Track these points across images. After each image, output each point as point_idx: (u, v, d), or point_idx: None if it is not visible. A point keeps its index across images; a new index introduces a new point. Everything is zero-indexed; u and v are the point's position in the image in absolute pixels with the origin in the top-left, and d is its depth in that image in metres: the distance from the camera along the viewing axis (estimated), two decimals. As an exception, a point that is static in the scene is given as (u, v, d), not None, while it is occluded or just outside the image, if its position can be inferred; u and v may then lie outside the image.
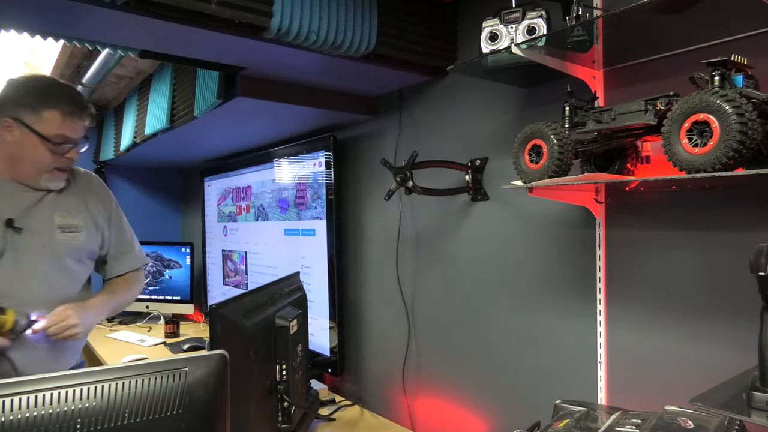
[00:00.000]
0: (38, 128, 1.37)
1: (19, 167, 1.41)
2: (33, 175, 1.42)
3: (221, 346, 0.83)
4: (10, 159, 1.41)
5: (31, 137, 1.37)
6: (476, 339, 1.64)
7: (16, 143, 1.39)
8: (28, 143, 1.38)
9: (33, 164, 1.40)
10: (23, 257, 1.42)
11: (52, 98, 1.39)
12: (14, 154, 1.40)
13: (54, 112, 1.38)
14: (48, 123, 1.38)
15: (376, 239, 2.05)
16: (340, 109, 1.95)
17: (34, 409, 0.64)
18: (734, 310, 1.07)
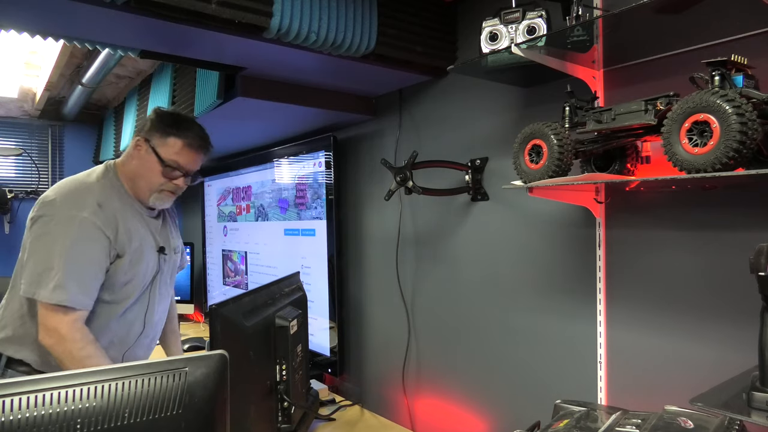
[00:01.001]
0: (159, 151, 1.50)
1: (137, 183, 1.54)
2: (145, 193, 1.54)
3: (221, 346, 0.83)
4: (134, 175, 1.54)
5: (152, 157, 1.51)
6: (476, 339, 1.64)
7: (140, 160, 1.52)
8: (147, 162, 1.51)
9: (147, 182, 1.53)
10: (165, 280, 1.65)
11: (181, 129, 1.52)
12: (136, 170, 1.53)
13: (177, 141, 1.51)
14: (169, 148, 1.51)
15: (376, 239, 2.05)
16: (340, 109, 1.95)
17: (34, 409, 0.64)
18: (734, 310, 1.07)
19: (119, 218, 1.47)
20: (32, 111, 3.38)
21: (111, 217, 1.45)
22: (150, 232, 1.58)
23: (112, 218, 1.45)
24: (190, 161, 1.55)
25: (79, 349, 1.35)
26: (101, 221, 1.42)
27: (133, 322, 1.55)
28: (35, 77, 2.91)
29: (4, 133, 3.44)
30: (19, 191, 3.43)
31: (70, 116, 3.41)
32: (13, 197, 3.39)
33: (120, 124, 2.97)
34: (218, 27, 1.26)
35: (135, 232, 1.51)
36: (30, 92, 3.14)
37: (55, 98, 3.19)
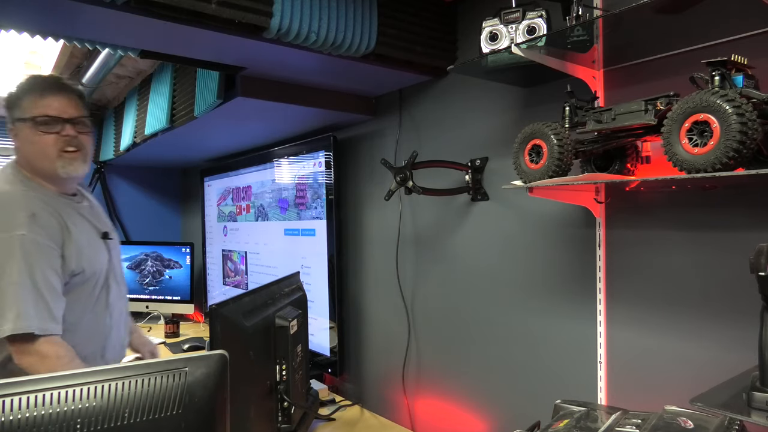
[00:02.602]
0: (21, 116, 1.41)
1: (38, 165, 1.43)
2: (50, 167, 1.42)
3: (221, 346, 0.83)
4: (29, 160, 1.43)
5: (24, 128, 1.40)
6: (476, 339, 1.64)
7: (22, 142, 1.42)
8: (25, 136, 1.41)
9: (41, 154, 1.41)
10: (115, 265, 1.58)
11: (29, 87, 1.43)
12: (27, 154, 1.43)
13: (29, 97, 1.42)
14: (27, 108, 1.41)
15: (376, 239, 2.05)
16: (340, 109, 1.95)
17: (34, 409, 0.64)
18: (734, 310, 1.07)
19: (57, 217, 1.39)
20: (32, 111, 3.37)
21: (49, 223, 1.36)
22: (87, 220, 1.51)
23: (51, 223, 1.37)
24: (55, 105, 1.42)
25: (65, 365, 1.29)
26: (41, 234, 1.33)
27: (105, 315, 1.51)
28: (35, 77, 2.90)
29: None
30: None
31: (70, 116, 3.41)
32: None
33: (120, 124, 2.97)
34: (218, 27, 1.26)
35: (74, 225, 1.44)
36: (30, 92, 3.13)
37: (55, 98, 3.18)
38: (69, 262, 1.38)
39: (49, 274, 1.32)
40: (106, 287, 1.52)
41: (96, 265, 1.47)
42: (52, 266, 1.33)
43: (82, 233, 1.45)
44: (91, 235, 1.49)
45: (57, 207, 1.42)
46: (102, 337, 1.51)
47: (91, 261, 1.45)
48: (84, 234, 1.46)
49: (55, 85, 1.45)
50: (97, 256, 1.48)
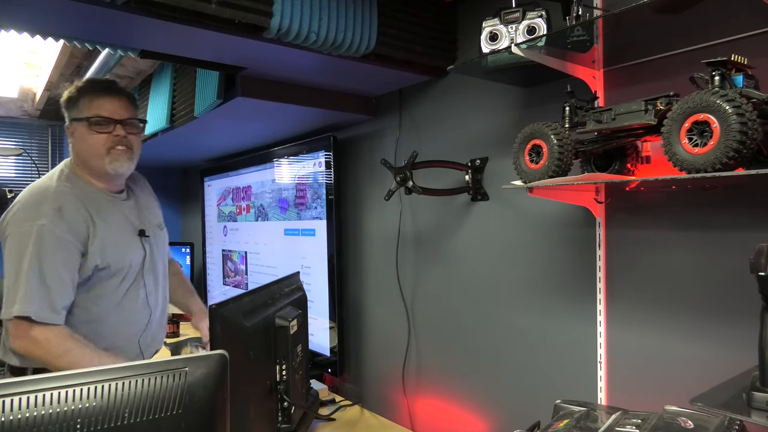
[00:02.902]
0: (77, 116, 1.50)
1: (89, 162, 1.52)
2: (99, 165, 1.51)
3: (221, 346, 0.83)
4: (82, 158, 1.53)
5: (79, 127, 1.50)
6: (476, 339, 1.64)
7: (75, 141, 1.52)
8: (79, 135, 1.50)
9: (92, 152, 1.50)
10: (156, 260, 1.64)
11: (84, 89, 1.53)
12: (79, 151, 1.52)
13: (85, 98, 1.51)
14: (83, 108, 1.50)
15: (376, 239, 2.05)
16: (340, 109, 1.95)
17: (34, 409, 0.64)
18: (734, 310, 1.07)
19: (84, 213, 1.45)
20: (32, 111, 3.38)
21: (74, 218, 1.42)
22: (125, 217, 1.57)
23: (77, 218, 1.43)
24: (109, 107, 1.51)
25: (57, 345, 1.34)
26: (62, 227, 1.39)
27: (136, 310, 1.55)
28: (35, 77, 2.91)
29: (4, 133, 3.45)
30: (19, 191, 3.41)
31: (70, 116, 3.41)
32: (13, 197, 3.39)
33: (120, 124, 2.97)
34: (218, 27, 1.26)
35: (105, 221, 1.49)
36: (30, 92, 3.14)
37: (55, 98, 3.18)
38: (93, 257, 1.44)
39: (58, 266, 1.37)
40: (137, 282, 1.56)
41: (124, 261, 1.51)
42: (64, 259, 1.38)
43: (112, 229, 1.50)
44: (125, 232, 1.55)
45: (92, 203, 1.49)
46: (131, 330, 1.55)
47: (119, 257, 1.49)
48: (114, 230, 1.51)
49: (108, 88, 1.54)
50: (126, 252, 1.52)
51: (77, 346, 1.36)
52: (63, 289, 1.38)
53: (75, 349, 1.35)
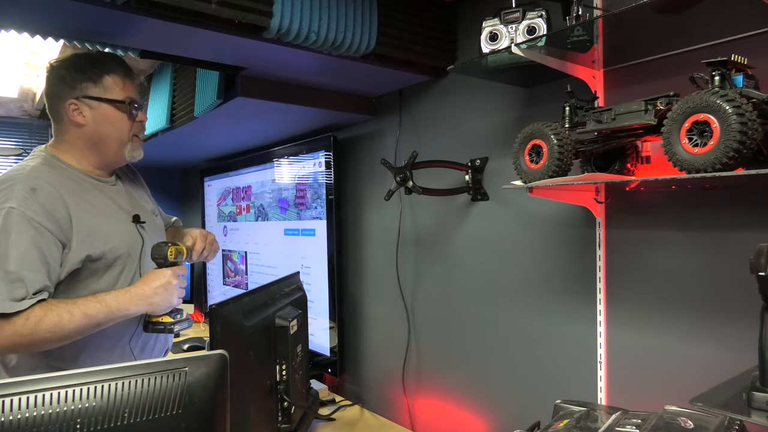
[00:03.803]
0: (108, 96, 1.34)
1: (104, 146, 1.36)
2: (118, 152, 1.38)
3: (221, 346, 0.83)
4: (91, 145, 1.36)
5: (105, 108, 1.34)
6: (476, 339, 1.64)
7: (92, 123, 1.34)
8: (104, 117, 1.34)
9: (115, 138, 1.36)
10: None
11: (106, 64, 1.36)
12: (93, 136, 1.35)
13: (114, 77, 1.35)
14: (112, 89, 1.35)
15: (376, 239, 2.05)
16: (340, 109, 1.95)
17: (34, 409, 0.64)
18: (734, 310, 1.07)
19: (65, 196, 1.27)
20: (32, 111, 3.38)
21: (51, 201, 1.23)
22: (115, 203, 1.40)
23: (54, 201, 1.24)
24: (134, 91, 1.40)
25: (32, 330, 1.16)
26: (34, 209, 1.20)
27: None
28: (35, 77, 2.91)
29: (4, 133, 3.45)
30: (19, 191, 3.42)
31: (70, 116, 3.41)
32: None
33: (120, 124, 2.97)
34: (218, 27, 1.26)
35: (90, 205, 1.33)
36: (30, 92, 3.14)
37: (55, 98, 3.18)
38: (81, 246, 1.27)
39: (27, 247, 1.18)
40: (136, 276, 1.39)
41: (120, 249, 1.35)
42: (33, 239, 1.19)
43: (101, 215, 1.34)
44: (117, 218, 1.38)
45: (73, 186, 1.31)
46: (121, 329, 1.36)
47: (114, 244, 1.33)
48: (104, 216, 1.34)
49: (130, 70, 1.41)
50: (122, 240, 1.36)
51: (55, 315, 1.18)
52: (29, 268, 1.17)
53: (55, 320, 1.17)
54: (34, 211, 1.20)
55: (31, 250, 1.19)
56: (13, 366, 1.30)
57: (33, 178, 1.25)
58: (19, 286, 1.16)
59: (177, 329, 1.36)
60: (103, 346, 1.34)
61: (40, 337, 1.17)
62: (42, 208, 1.21)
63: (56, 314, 1.18)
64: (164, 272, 1.32)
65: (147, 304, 1.29)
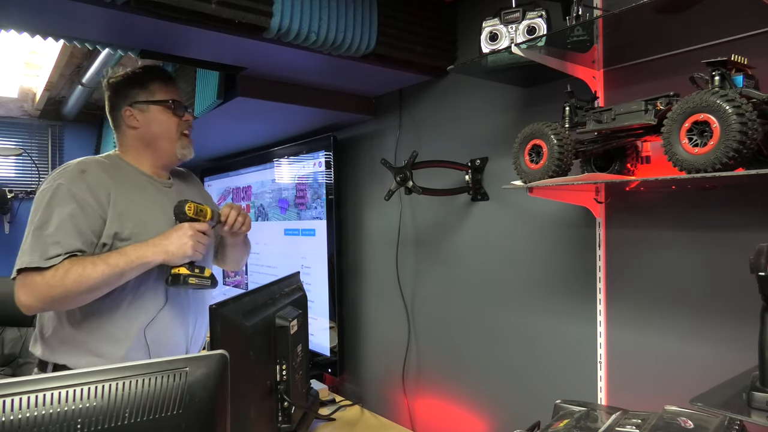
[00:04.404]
0: (155, 98, 1.47)
1: (155, 147, 1.49)
2: (169, 150, 1.49)
3: (221, 346, 0.83)
4: (146, 145, 1.49)
5: (154, 110, 1.47)
6: (476, 339, 1.64)
7: (144, 125, 1.47)
8: (153, 118, 1.47)
9: (165, 136, 1.48)
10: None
11: (150, 73, 1.49)
12: (146, 136, 1.48)
13: (157, 82, 1.48)
14: (158, 92, 1.47)
15: (376, 239, 2.05)
16: (340, 109, 1.95)
17: (35, 409, 0.64)
18: (734, 310, 1.07)
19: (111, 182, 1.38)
20: (32, 111, 3.38)
21: (97, 181, 1.36)
22: (165, 199, 1.49)
23: (99, 181, 1.36)
24: (177, 93, 1.52)
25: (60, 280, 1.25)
26: (80, 186, 1.33)
27: (149, 293, 1.42)
28: (35, 77, 2.92)
29: (4, 133, 3.45)
30: (19, 191, 3.43)
31: (70, 116, 3.42)
32: (13, 197, 3.40)
33: (120, 124, 2.97)
34: (218, 27, 1.26)
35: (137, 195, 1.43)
36: (30, 92, 3.14)
37: (55, 98, 3.19)
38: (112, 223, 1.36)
39: (65, 217, 1.30)
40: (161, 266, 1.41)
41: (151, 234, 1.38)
42: (72, 211, 1.32)
43: (141, 202, 1.43)
44: (158, 209, 1.45)
45: (122, 177, 1.43)
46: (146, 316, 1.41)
47: (144, 228, 1.39)
48: (143, 203, 1.43)
49: (170, 75, 1.54)
50: (155, 227, 1.40)
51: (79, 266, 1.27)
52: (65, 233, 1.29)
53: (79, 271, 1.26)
54: (79, 188, 1.34)
55: (70, 219, 1.31)
56: (49, 336, 1.40)
57: (86, 163, 1.40)
58: (55, 247, 1.28)
59: (194, 281, 1.40)
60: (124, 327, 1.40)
61: (69, 286, 1.26)
62: (87, 186, 1.35)
63: (81, 266, 1.28)
64: (181, 225, 1.40)
65: (163, 252, 1.36)
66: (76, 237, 1.31)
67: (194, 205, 1.43)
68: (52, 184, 1.35)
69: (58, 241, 1.29)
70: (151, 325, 1.43)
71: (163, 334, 1.45)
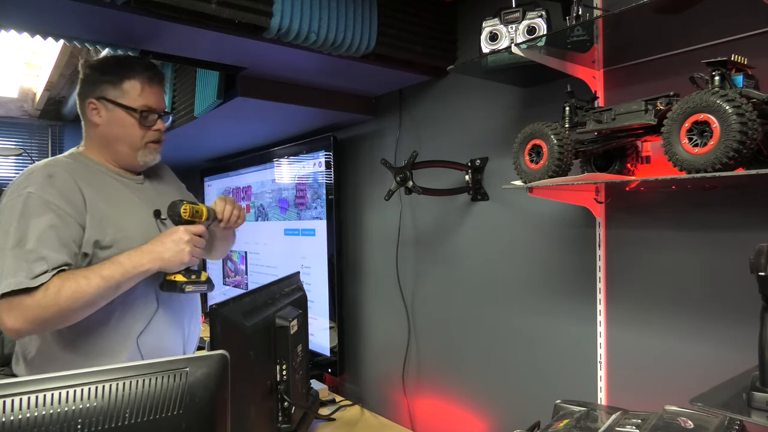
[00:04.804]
0: (122, 101, 1.35)
1: (115, 148, 1.39)
2: (129, 154, 1.39)
3: (221, 346, 0.83)
4: (106, 143, 1.38)
5: (118, 113, 1.35)
6: (476, 339, 1.64)
7: (106, 124, 1.37)
8: (117, 121, 1.36)
9: (126, 141, 1.38)
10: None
11: (129, 69, 1.37)
12: (107, 136, 1.38)
13: (133, 82, 1.36)
14: (130, 94, 1.36)
15: (376, 239, 2.05)
16: (340, 109, 1.95)
17: (35, 409, 0.64)
18: (734, 310, 1.07)
19: (81, 184, 1.29)
20: (32, 111, 3.38)
21: (67, 185, 1.26)
22: (137, 199, 1.41)
23: (69, 185, 1.27)
24: (158, 98, 1.39)
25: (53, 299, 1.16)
26: (51, 192, 1.23)
27: (140, 300, 1.35)
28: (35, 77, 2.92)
29: (4, 133, 3.45)
30: (19, 191, 3.43)
31: (70, 116, 3.42)
32: (13, 197, 3.39)
33: (120, 124, 2.97)
34: (218, 27, 1.26)
35: (111, 197, 1.34)
36: (30, 92, 3.14)
37: (55, 98, 3.19)
38: (91, 230, 1.28)
39: (44, 228, 1.21)
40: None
41: (134, 240, 1.32)
42: (51, 221, 1.22)
43: (117, 207, 1.34)
44: (135, 213, 1.38)
45: (91, 178, 1.33)
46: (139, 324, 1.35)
47: (125, 233, 1.32)
48: (120, 208, 1.35)
49: (157, 75, 1.41)
50: (136, 231, 1.34)
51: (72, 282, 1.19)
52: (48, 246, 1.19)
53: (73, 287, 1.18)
54: (51, 195, 1.23)
55: (50, 230, 1.21)
56: (32, 357, 1.31)
57: (51, 166, 1.29)
58: (40, 264, 1.18)
59: (191, 289, 1.34)
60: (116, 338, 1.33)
61: (63, 305, 1.17)
62: (58, 191, 1.24)
63: (74, 281, 1.19)
64: (176, 229, 1.32)
65: (159, 259, 1.28)
66: (60, 250, 1.21)
67: (190, 207, 1.35)
68: (20, 194, 1.23)
69: (43, 256, 1.18)
70: (145, 333, 1.36)
71: (158, 341, 1.39)
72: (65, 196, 1.25)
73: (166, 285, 1.33)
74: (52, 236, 1.21)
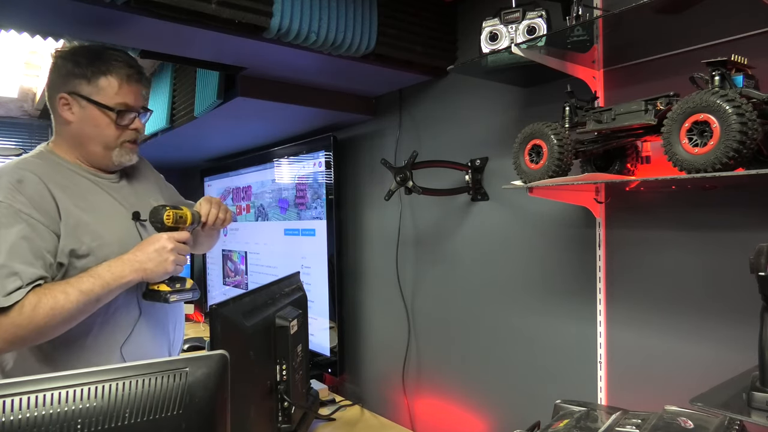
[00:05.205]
0: (97, 99, 1.26)
1: (87, 147, 1.30)
2: (103, 154, 1.31)
3: (221, 346, 0.83)
4: (78, 142, 1.30)
5: (91, 110, 1.27)
6: (476, 339, 1.64)
7: (78, 121, 1.28)
8: (90, 119, 1.27)
9: (99, 141, 1.29)
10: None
11: (106, 63, 1.27)
12: (79, 135, 1.29)
13: (110, 79, 1.27)
14: (106, 91, 1.27)
15: (376, 239, 2.05)
16: (340, 109, 1.95)
17: (35, 409, 0.64)
18: (734, 310, 1.07)
19: (53, 188, 1.21)
20: (32, 111, 3.38)
21: (38, 191, 1.19)
22: (113, 200, 1.33)
23: (40, 191, 1.19)
24: (136, 96, 1.31)
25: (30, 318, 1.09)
26: (21, 200, 1.15)
27: (122, 309, 1.29)
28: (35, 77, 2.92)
29: (4, 133, 3.45)
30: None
31: (70, 116, 3.41)
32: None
33: (120, 124, 2.97)
34: (218, 27, 1.26)
35: (86, 200, 1.27)
36: (30, 92, 3.14)
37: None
38: (66, 239, 1.21)
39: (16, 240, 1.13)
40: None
41: (111, 247, 1.26)
42: (22, 232, 1.14)
43: (92, 210, 1.27)
44: (113, 216, 1.31)
45: (62, 180, 1.26)
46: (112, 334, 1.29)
47: (102, 241, 1.25)
48: (94, 211, 1.27)
49: (137, 73, 1.32)
50: (113, 237, 1.27)
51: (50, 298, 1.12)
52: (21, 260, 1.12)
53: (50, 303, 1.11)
54: (21, 203, 1.15)
55: (22, 242, 1.13)
56: (10, 369, 1.26)
57: (20, 169, 1.21)
58: (13, 280, 1.10)
59: (175, 299, 1.28)
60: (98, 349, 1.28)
61: (40, 322, 1.11)
62: (29, 199, 1.17)
63: (51, 297, 1.12)
64: (159, 236, 1.25)
65: (141, 270, 1.22)
66: (33, 263, 1.13)
67: (173, 213, 1.28)
68: None
69: (15, 271, 1.10)
70: (128, 343, 1.30)
71: (141, 348, 1.33)
72: (36, 204, 1.17)
73: (150, 295, 1.27)
74: (25, 248, 1.13)
